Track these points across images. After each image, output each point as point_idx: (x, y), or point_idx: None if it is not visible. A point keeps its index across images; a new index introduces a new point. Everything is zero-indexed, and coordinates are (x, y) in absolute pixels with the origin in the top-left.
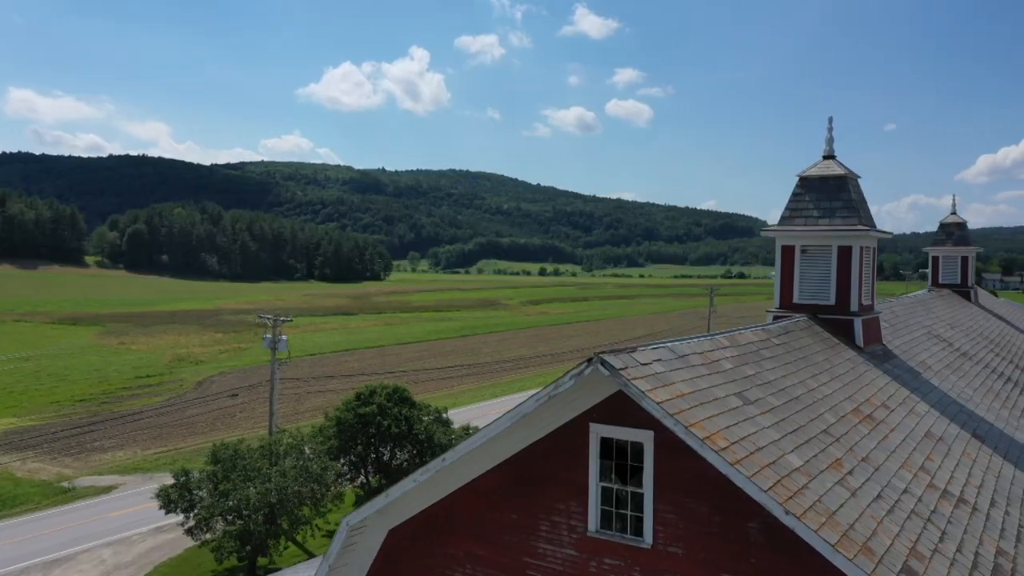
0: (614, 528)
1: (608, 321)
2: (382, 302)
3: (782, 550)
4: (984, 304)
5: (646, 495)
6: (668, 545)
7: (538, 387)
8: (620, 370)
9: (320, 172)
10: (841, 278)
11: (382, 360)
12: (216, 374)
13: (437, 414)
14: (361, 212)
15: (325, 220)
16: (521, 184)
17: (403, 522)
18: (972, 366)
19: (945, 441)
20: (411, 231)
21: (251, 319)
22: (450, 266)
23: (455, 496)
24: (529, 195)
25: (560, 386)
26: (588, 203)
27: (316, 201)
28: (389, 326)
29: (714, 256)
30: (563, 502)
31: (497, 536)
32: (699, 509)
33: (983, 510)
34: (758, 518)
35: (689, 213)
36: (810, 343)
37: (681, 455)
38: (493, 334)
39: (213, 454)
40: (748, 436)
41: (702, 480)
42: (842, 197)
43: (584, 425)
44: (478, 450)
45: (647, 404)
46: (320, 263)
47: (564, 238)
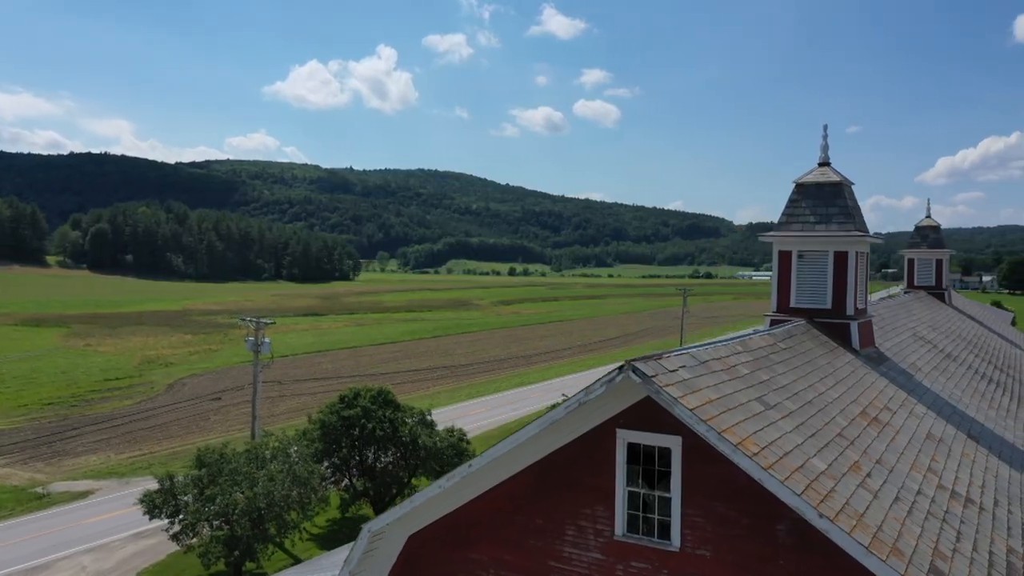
0: (641, 532)
1: (580, 321)
2: (353, 302)
3: (810, 552)
4: (957, 305)
5: (674, 499)
6: (696, 548)
7: (514, 388)
8: (652, 377)
9: (287, 171)
10: (837, 283)
11: (356, 361)
12: (187, 376)
13: (421, 416)
14: (329, 212)
15: (292, 220)
16: (490, 184)
17: (423, 528)
18: (957, 367)
19: (945, 442)
20: (380, 231)
21: (220, 320)
22: (419, 266)
23: (478, 501)
24: (498, 195)
25: (591, 393)
26: (557, 203)
27: (283, 200)
28: (361, 327)
29: (681, 256)
30: (589, 506)
31: (522, 540)
32: (727, 512)
33: (989, 509)
34: (787, 521)
35: (657, 213)
36: (812, 347)
37: (709, 460)
38: (466, 335)
39: (198, 458)
40: (775, 441)
41: (730, 484)
42: (838, 203)
43: (611, 431)
44: (504, 456)
45: (679, 411)
46: (288, 263)
47: (533, 238)
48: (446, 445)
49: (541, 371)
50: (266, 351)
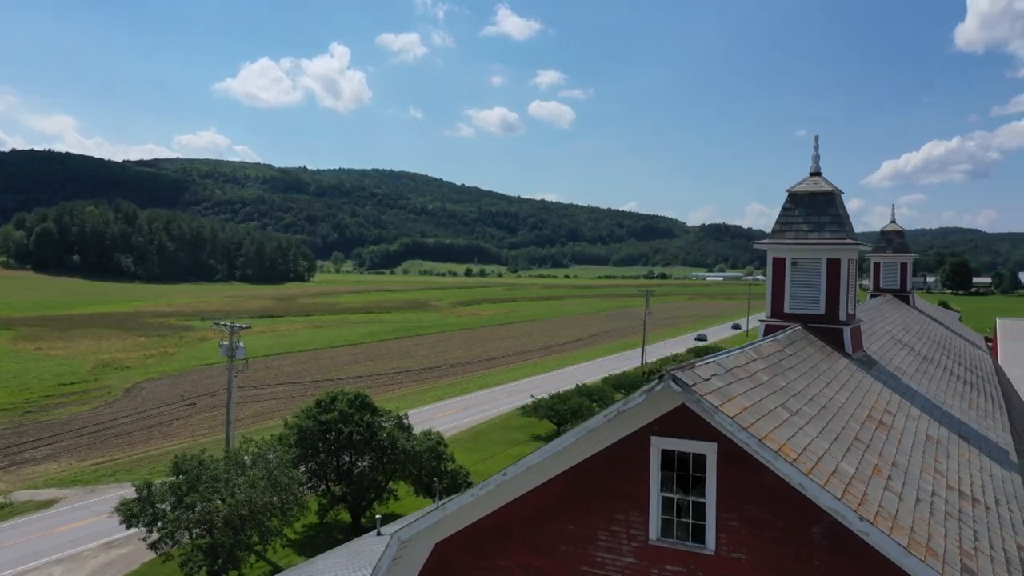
0: (675, 536)
1: (539, 322)
2: (309, 304)
3: (844, 553)
4: (920, 308)
5: (708, 504)
6: (731, 551)
7: (479, 389)
8: (691, 386)
9: (239, 170)
10: (830, 289)
11: (317, 364)
12: (145, 380)
13: (398, 420)
14: (283, 211)
15: (245, 219)
16: (446, 184)
17: (451, 535)
18: (935, 370)
19: (942, 443)
20: (334, 231)
21: (174, 322)
22: (375, 267)
23: (507, 509)
24: (454, 195)
25: (630, 402)
26: (513, 204)
27: (235, 200)
28: (320, 329)
29: (636, 257)
30: (623, 512)
31: (553, 547)
32: (762, 516)
33: (993, 508)
34: (821, 523)
35: (611, 214)
36: (812, 352)
37: (744, 465)
38: (427, 336)
39: (176, 465)
40: (807, 447)
41: (764, 488)
42: (830, 212)
43: (644, 438)
44: (538, 464)
45: (719, 419)
46: (242, 264)
47: (489, 239)
48: (424, 448)
49: (505, 372)
50: (241, 355)
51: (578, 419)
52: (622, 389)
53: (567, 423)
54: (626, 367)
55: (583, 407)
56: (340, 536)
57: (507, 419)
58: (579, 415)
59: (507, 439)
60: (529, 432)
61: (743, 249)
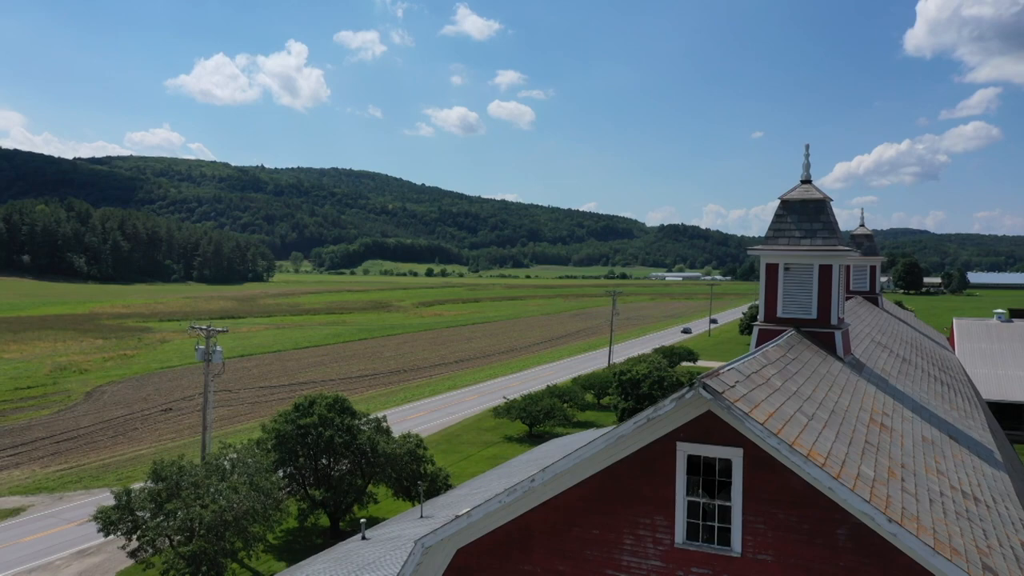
0: (701, 539)
1: (503, 323)
2: (270, 305)
3: (869, 554)
4: (888, 309)
5: (734, 507)
6: (757, 553)
7: (447, 391)
8: (721, 393)
9: (195, 168)
10: (822, 294)
11: (282, 366)
12: (105, 384)
13: (377, 423)
14: (240, 211)
15: (201, 219)
16: (406, 184)
17: (473, 541)
18: (914, 371)
19: (937, 444)
20: (293, 231)
21: (132, 324)
22: (335, 267)
23: (532, 514)
24: (414, 195)
25: (660, 409)
26: (473, 204)
27: (191, 199)
28: (282, 330)
29: (596, 257)
30: (648, 516)
31: (578, 551)
32: (787, 518)
33: (993, 507)
34: (846, 525)
35: (571, 215)
36: (811, 356)
37: (769, 469)
38: (391, 337)
39: (155, 472)
40: (830, 451)
41: (790, 491)
42: (822, 219)
43: (670, 444)
44: (567, 470)
45: (750, 425)
46: (199, 264)
47: (450, 239)
48: (404, 452)
49: (472, 373)
50: (218, 359)
51: (551, 420)
52: (592, 389)
53: (539, 424)
54: (593, 367)
55: (555, 408)
56: (319, 541)
57: (479, 420)
58: (551, 416)
59: (480, 440)
60: (502, 433)
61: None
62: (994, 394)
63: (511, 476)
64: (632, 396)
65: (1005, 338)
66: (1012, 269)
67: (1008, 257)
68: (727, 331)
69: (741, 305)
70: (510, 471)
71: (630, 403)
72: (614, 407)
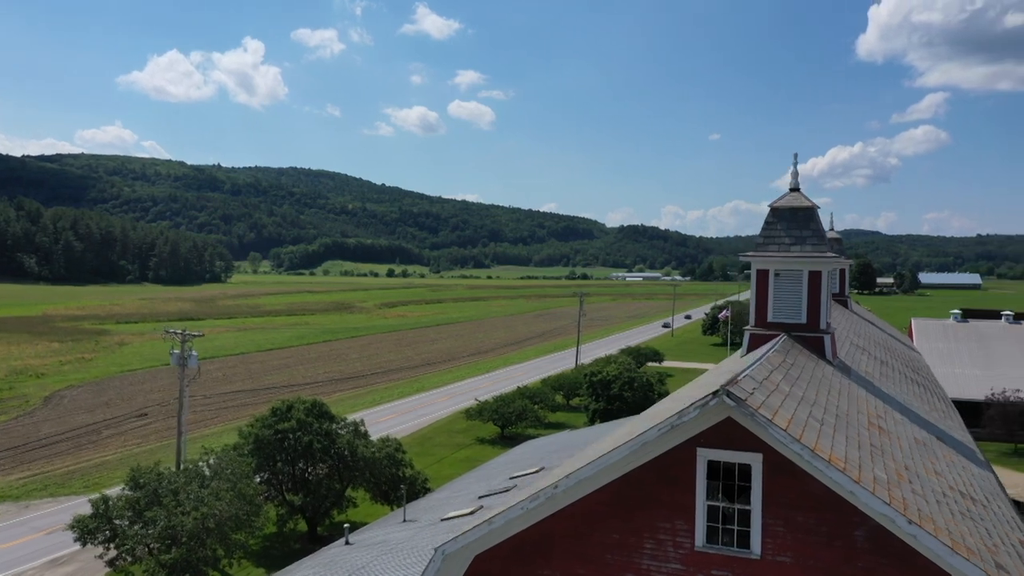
0: (720, 542)
1: (468, 324)
2: (230, 306)
3: (886, 554)
4: (856, 311)
5: (754, 511)
6: (777, 555)
7: (415, 393)
8: (744, 401)
9: (149, 167)
10: (812, 299)
11: (246, 368)
12: (64, 388)
13: (355, 427)
14: (196, 210)
15: (156, 218)
16: (366, 184)
17: (492, 547)
18: (892, 372)
19: (928, 446)
20: (251, 231)
21: (88, 326)
22: (294, 267)
23: (551, 520)
24: (374, 195)
25: (684, 416)
26: (434, 204)
27: (146, 198)
28: (244, 332)
29: (557, 257)
30: (668, 520)
31: (598, 556)
32: (806, 521)
33: (989, 506)
34: (863, 527)
35: (532, 215)
36: (805, 361)
37: (789, 473)
38: (356, 339)
39: (133, 479)
40: (847, 455)
41: (809, 495)
42: (811, 227)
43: (691, 449)
44: (590, 477)
45: (773, 431)
46: (155, 264)
47: (411, 239)
48: (383, 456)
49: (440, 375)
50: (193, 364)
51: (522, 422)
52: (561, 390)
53: (512, 426)
54: (561, 368)
55: (527, 409)
56: (297, 546)
57: (450, 422)
58: (523, 418)
59: (453, 443)
60: (474, 435)
61: (660, 250)
62: (953, 392)
63: (490, 479)
64: (603, 397)
65: (961, 337)
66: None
67: (956, 258)
68: (690, 331)
69: (703, 305)
70: (488, 473)
71: (601, 404)
72: (585, 408)
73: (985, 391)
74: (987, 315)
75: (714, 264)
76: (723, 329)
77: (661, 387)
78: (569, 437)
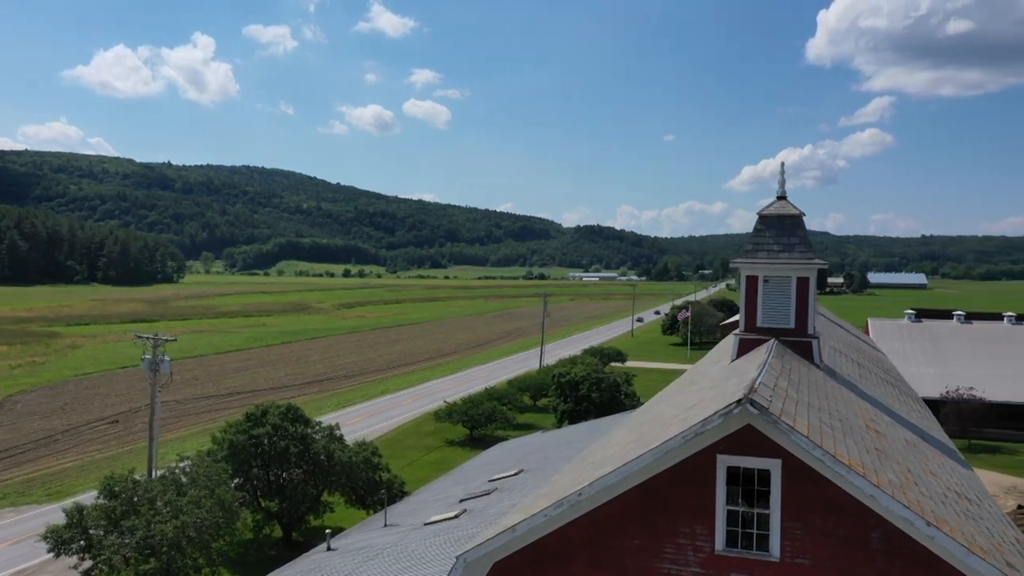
0: (740, 546)
1: (428, 324)
2: (184, 307)
3: (901, 555)
4: (823, 313)
5: (772, 515)
6: (795, 557)
7: (380, 395)
8: (767, 409)
9: (96, 164)
10: (800, 305)
11: (205, 371)
12: (16, 393)
13: (330, 431)
14: (147, 209)
15: (105, 217)
16: (320, 183)
17: (510, 554)
18: (869, 375)
19: (919, 447)
20: (203, 230)
21: (36, 328)
22: (247, 267)
23: (571, 526)
24: (329, 194)
25: (708, 424)
26: (390, 204)
27: (93, 196)
28: (200, 334)
29: (514, 257)
30: (688, 525)
31: (618, 561)
32: (824, 524)
33: (983, 506)
34: (879, 529)
35: (489, 215)
36: (798, 366)
37: (807, 478)
38: (316, 340)
39: (107, 488)
40: (862, 460)
41: (827, 498)
42: (798, 234)
43: (711, 456)
44: (614, 484)
45: (796, 438)
46: (104, 264)
47: (367, 239)
48: (360, 460)
49: (404, 377)
50: (165, 369)
51: (492, 423)
52: (528, 391)
53: (481, 427)
54: (526, 369)
55: (497, 411)
56: (272, 552)
57: (418, 424)
58: (493, 419)
59: (422, 445)
60: (442, 437)
61: (616, 250)
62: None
63: (468, 481)
64: (571, 398)
65: (916, 337)
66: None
67: (901, 258)
68: (650, 331)
69: (660, 305)
70: (465, 476)
71: (569, 404)
72: (553, 408)
73: (940, 389)
74: (939, 315)
75: (669, 264)
76: (683, 329)
77: (628, 387)
78: (543, 439)
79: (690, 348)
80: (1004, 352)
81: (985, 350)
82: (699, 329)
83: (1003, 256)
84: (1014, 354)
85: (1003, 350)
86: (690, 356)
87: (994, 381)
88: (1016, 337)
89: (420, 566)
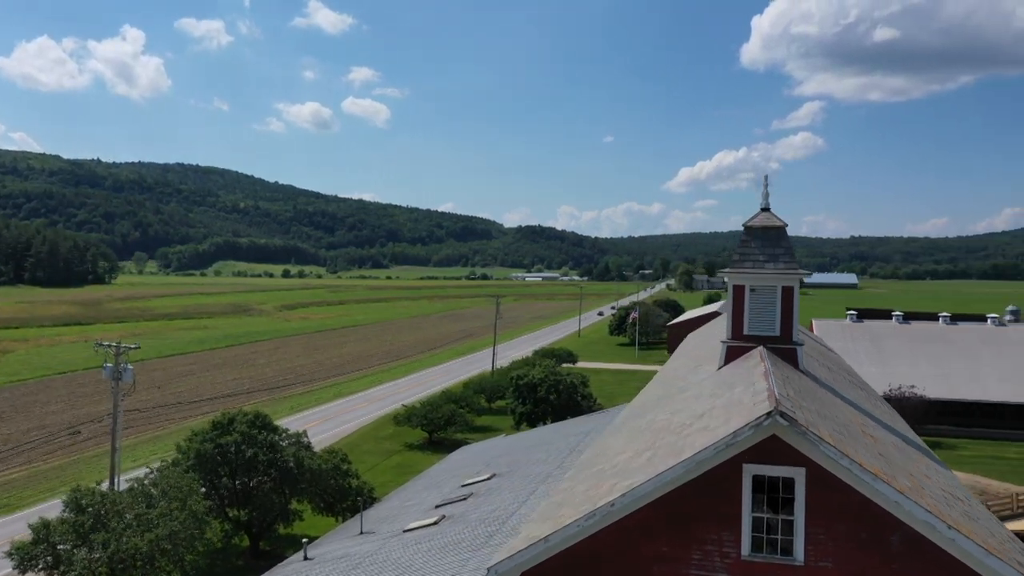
0: (765, 551)
1: (375, 326)
2: (119, 309)
3: (919, 557)
4: None
5: (796, 520)
6: (819, 561)
7: (334, 399)
8: (796, 421)
9: (20, 160)
10: (785, 313)
11: (149, 377)
12: None
13: (297, 439)
14: (75, 207)
15: (31, 216)
16: (258, 182)
17: (539, 563)
18: (841, 379)
19: (906, 450)
20: (136, 229)
21: None
22: (182, 268)
23: (599, 535)
24: (267, 193)
25: (738, 435)
26: (330, 203)
27: (17, 193)
28: (138, 337)
29: (456, 258)
30: (715, 532)
31: (646, 568)
32: (846, 528)
33: (972, 505)
34: (898, 532)
35: (430, 215)
36: (790, 373)
37: (830, 485)
38: (261, 343)
39: (75, 501)
40: (881, 467)
41: (848, 503)
42: (783, 244)
43: (737, 465)
44: (646, 494)
45: (824, 448)
46: (31, 265)
47: (306, 239)
48: (330, 467)
49: (356, 380)
50: (128, 378)
51: (452, 427)
52: (483, 393)
53: (440, 431)
54: (478, 370)
55: (456, 414)
56: (240, 562)
57: (375, 428)
58: (453, 423)
59: (381, 449)
60: (401, 441)
61: (557, 250)
62: None
63: (440, 486)
64: (529, 400)
65: (857, 337)
66: (836, 269)
67: (832, 258)
68: (596, 331)
69: (603, 306)
70: (436, 481)
71: (528, 406)
72: (511, 411)
73: (883, 388)
74: (879, 315)
75: (610, 264)
76: (631, 330)
77: (585, 389)
78: (507, 442)
79: (638, 348)
80: (941, 351)
81: (923, 349)
82: (646, 330)
83: (927, 256)
84: (950, 353)
85: (940, 349)
86: (638, 356)
87: (933, 379)
88: (951, 337)
89: (408, 575)
